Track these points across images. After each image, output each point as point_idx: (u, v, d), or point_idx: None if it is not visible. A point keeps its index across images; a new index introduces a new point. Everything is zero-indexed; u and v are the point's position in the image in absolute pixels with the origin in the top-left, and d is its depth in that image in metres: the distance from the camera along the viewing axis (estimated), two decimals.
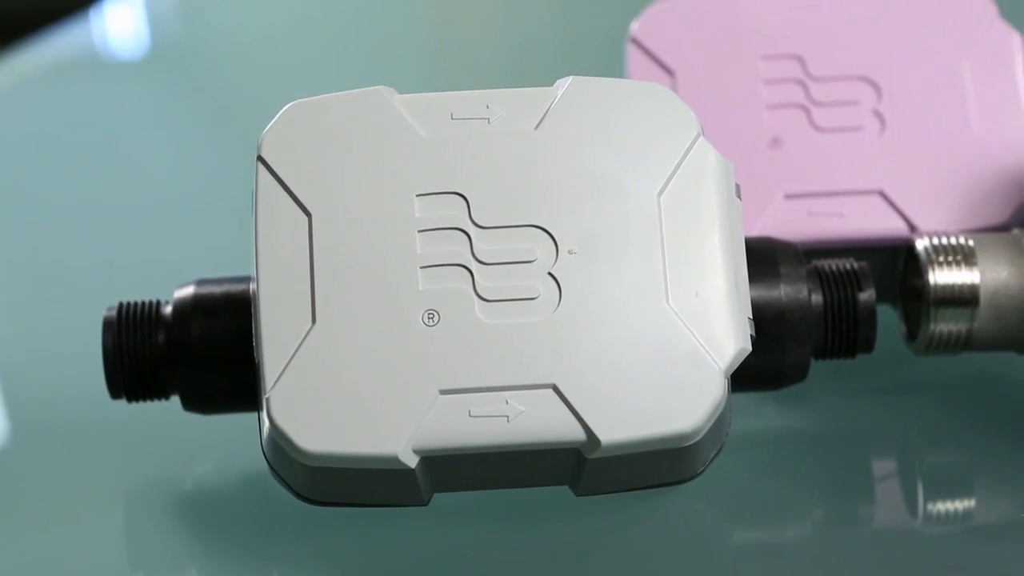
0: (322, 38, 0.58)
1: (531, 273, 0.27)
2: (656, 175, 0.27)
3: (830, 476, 0.31)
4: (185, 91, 0.55)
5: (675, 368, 0.26)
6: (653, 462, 0.27)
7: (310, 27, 0.59)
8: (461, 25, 0.62)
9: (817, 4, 0.36)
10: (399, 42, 0.57)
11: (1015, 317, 0.30)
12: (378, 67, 0.54)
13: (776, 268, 0.29)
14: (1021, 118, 0.34)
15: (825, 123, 0.34)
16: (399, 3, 0.61)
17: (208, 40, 0.60)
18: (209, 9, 0.61)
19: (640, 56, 0.35)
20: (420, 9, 0.62)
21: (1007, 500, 0.31)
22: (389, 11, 0.60)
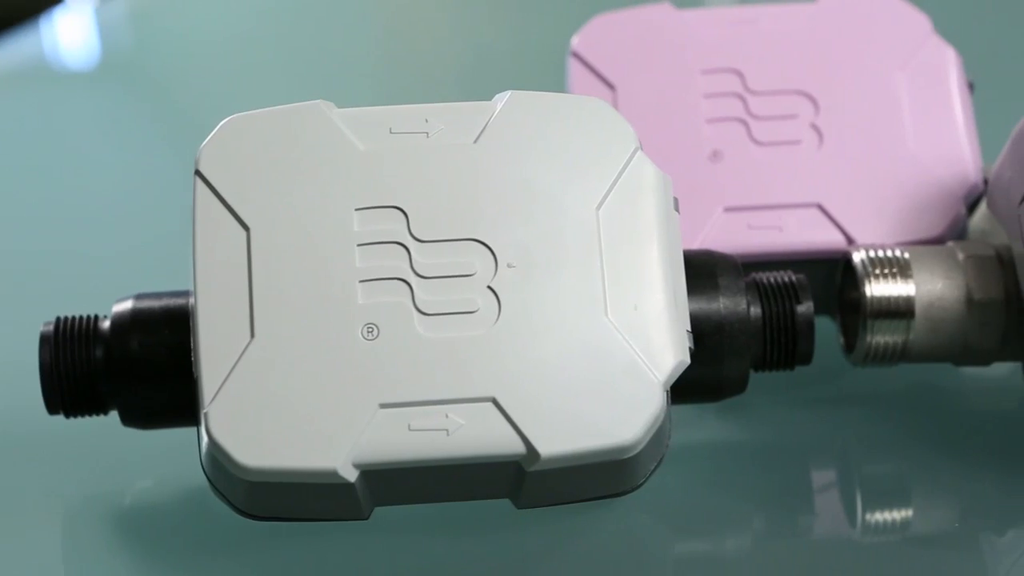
0: (273, 50, 0.57)
1: (471, 287, 0.27)
2: (594, 189, 0.28)
3: (770, 487, 0.31)
4: (134, 102, 0.55)
5: (614, 381, 0.26)
6: (593, 474, 0.27)
7: (261, 39, 0.59)
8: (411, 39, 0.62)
9: (756, 19, 0.36)
10: (349, 54, 0.57)
11: (949, 329, 0.31)
12: (328, 79, 0.54)
13: (715, 281, 0.30)
14: (955, 132, 0.34)
15: (764, 137, 0.34)
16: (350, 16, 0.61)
17: (158, 51, 0.60)
18: (159, 20, 0.61)
19: (581, 70, 0.36)
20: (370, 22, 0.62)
21: (943, 509, 0.31)
22: (340, 24, 0.60)
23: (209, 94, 0.54)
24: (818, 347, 0.31)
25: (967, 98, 0.35)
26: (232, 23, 0.60)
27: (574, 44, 0.36)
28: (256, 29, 0.59)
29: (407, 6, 0.65)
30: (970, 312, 0.31)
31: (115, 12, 0.61)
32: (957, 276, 0.31)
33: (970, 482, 0.31)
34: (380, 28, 0.63)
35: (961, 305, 0.31)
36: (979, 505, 0.31)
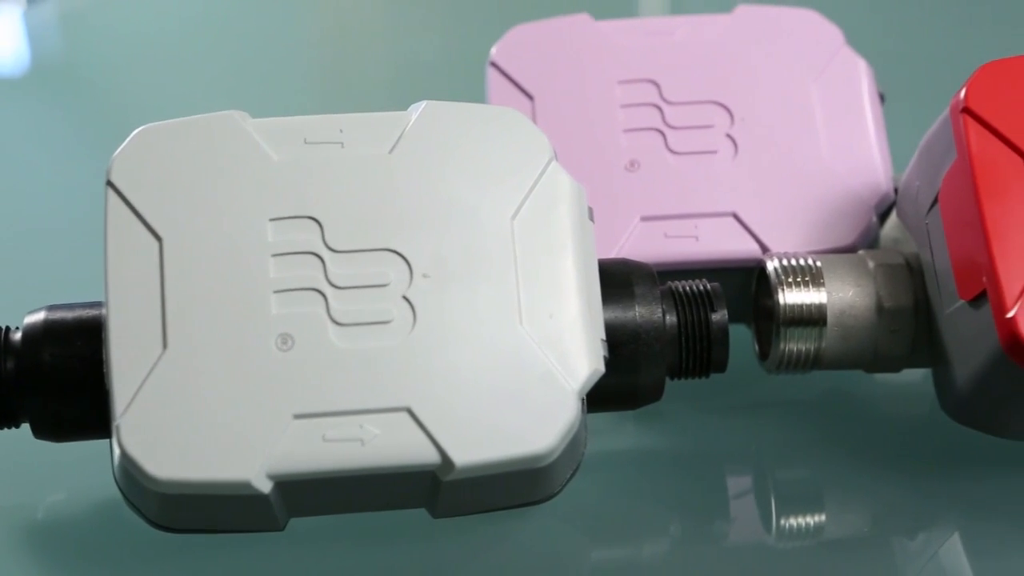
0: (204, 56, 0.57)
1: (385, 297, 0.27)
2: (509, 199, 0.28)
3: (686, 493, 0.32)
4: (61, 107, 0.54)
5: (529, 390, 0.27)
6: (509, 483, 0.27)
7: (192, 44, 0.58)
8: (342, 47, 0.62)
9: (672, 30, 0.36)
10: (279, 61, 0.57)
11: (860, 336, 0.31)
12: (258, 86, 0.54)
13: (631, 290, 0.30)
14: (867, 142, 0.35)
15: (680, 147, 0.35)
16: (280, 23, 0.61)
17: (88, 55, 0.59)
18: (89, 23, 0.60)
19: (500, 80, 0.36)
20: (301, 29, 0.62)
21: (856, 514, 0.32)
22: (271, 31, 0.60)
23: (139, 100, 0.54)
24: (734, 354, 0.32)
25: (878, 109, 0.35)
26: (162, 27, 0.60)
27: (493, 54, 0.36)
28: (187, 34, 0.59)
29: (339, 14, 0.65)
30: (880, 319, 0.31)
31: (44, 15, 0.60)
32: (867, 284, 0.31)
33: (882, 487, 0.31)
34: (310, 35, 0.63)
35: (871, 313, 0.31)
36: (891, 509, 0.31)
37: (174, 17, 0.61)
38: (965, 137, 0.29)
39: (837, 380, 0.34)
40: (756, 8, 0.37)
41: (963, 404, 0.30)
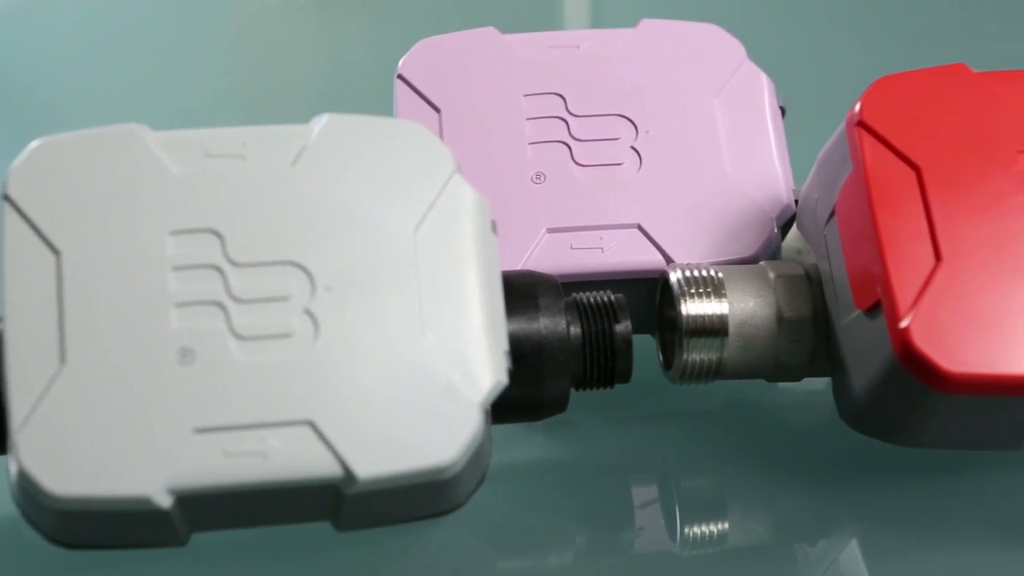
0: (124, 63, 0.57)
1: (287, 310, 0.27)
2: (411, 212, 0.28)
3: (592, 503, 0.32)
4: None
5: (432, 402, 0.27)
6: (413, 495, 0.27)
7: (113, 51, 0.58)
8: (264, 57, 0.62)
9: (578, 43, 0.37)
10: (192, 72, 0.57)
11: (761, 346, 0.32)
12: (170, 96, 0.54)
13: (536, 301, 0.30)
14: (769, 155, 0.35)
15: (586, 159, 0.35)
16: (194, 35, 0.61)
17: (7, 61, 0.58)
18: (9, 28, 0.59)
19: (407, 92, 0.36)
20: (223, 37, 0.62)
21: (758, 521, 0.32)
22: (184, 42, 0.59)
23: (58, 107, 0.53)
24: (640, 365, 0.32)
25: (779, 122, 0.36)
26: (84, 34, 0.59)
27: (400, 67, 0.36)
28: (108, 41, 0.58)
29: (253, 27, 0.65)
30: (780, 330, 0.32)
31: None
32: (768, 295, 0.32)
33: (783, 494, 0.32)
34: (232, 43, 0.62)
35: (772, 323, 0.32)
36: (792, 516, 0.32)
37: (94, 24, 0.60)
38: (860, 150, 0.30)
39: (740, 389, 0.34)
40: (660, 22, 0.37)
41: (860, 412, 0.30)
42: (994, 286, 0.28)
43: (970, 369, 0.27)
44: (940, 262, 0.28)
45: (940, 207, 0.29)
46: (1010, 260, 0.28)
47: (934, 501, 0.31)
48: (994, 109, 0.30)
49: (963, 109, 0.30)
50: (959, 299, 0.28)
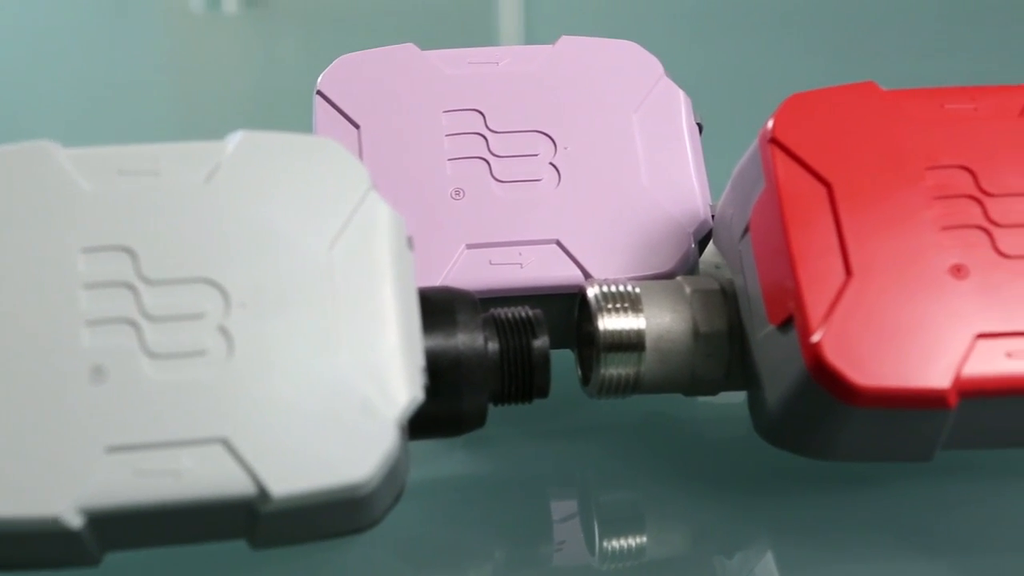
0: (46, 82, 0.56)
1: (201, 327, 0.27)
2: (327, 229, 0.28)
3: (511, 518, 0.32)
4: None
5: (347, 419, 0.27)
6: (329, 513, 0.27)
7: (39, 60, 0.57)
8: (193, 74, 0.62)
9: (497, 60, 0.37)
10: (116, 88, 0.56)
11: (677, 360, 0.32)
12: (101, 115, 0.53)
13: (453, 317, 0.30)
14: (686, 171, 0.36)
15: (505, 175, 0.35)
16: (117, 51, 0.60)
17: None
18: None
19: (326, 109, 0.36)
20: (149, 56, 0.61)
21: (676, 534, 0.32)
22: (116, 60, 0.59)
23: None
24: (560, 379, 0.32)
25: (696, 138, 0.36)
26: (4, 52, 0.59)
27: (319, 83, 0.36)
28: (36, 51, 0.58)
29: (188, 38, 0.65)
30: (696, 344, 0.32)
31: None
32: (684, 310, 0.32)
33: (701, 507, 0.32)
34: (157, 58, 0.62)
35: (688, 337, 0.32)
36: (709, 529, 0.32)
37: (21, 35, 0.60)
38: (772, 167, 0.30)
39: (658, 403, 0.34)
40: (578, 39, 0.37)
41: (775, 426, 0.31)
42: (903, 300, 0.29)
43: (880, 383, 0.28)
44: (850, 277, 0.29)
45: (850, 223, 0.29)
46: (918, 275, 0.29)
47: (848, 513, 0.31)
48: (902, 126, 0.31)
49: (873, 126, 0.31)
50: (869, 314, 0.28)
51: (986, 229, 0.29)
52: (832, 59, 0.55)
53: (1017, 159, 0.30)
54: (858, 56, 0.57)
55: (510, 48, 0.37)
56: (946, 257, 0.29)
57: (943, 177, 0.30)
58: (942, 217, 0.30)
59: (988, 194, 0.30)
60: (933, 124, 0.31)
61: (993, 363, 0.28)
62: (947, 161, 0.30)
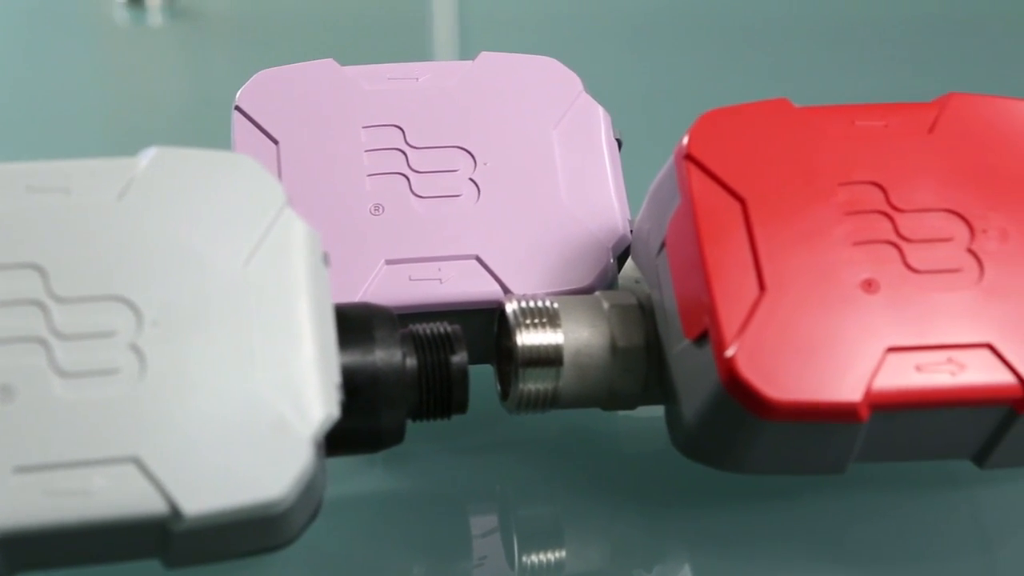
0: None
1: (113, 346, 0.26)
2: (241, 246, 0.28)
3: (430, 534, 0.32)
4: None
5: (261, 437, 0.26)
6: (244, 531, 0.27)
7: None
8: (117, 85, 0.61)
9: (417, 75, 0.37)
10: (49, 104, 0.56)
11: (595, 375, 0.32)
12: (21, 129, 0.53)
13: (371, 333, 0.30)
14: (605, 187, 0.36)
15: (424, 191, 0.35)
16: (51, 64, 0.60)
17: None
18: None
19: (245, 124, 0.36)
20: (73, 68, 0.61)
21: (595, 548, 0.32)
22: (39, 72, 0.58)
23: None
24: (481, 395, 0.32)
25: (616, 154, 0.37)
26: None
27: (237, 99, 0.36)
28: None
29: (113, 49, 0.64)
30: (614, 359, 0.32)
31: None
32: (602, 325, 0.32)
33: (620, 521, 0.32)
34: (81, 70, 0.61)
35: (606, 352, 0.32)
36: (627, 543, 0.32)
37: None
38: (687, 183, 0.30)
39: (577, 418, 0.35)
40: (498, 55, 0.37)
41: (691, 440, 0.31)
42: (815, 315, 0.29)
43: (793, 396, 0.28)
44: (764, 292, 0.29)
45: (764, 238, 0.30)
46: (831, 289, 0.29)
47: (763, 525, 0.32)
48: (815, 143, 0.31)
49: (786, 143, 0.31)
50: (782, 328, 0.29)
51: (896, 244, 0.30)
52: (748, 76, 0.56)
53: (926, 175, 0.31)
54: (773, 73, 0.58)
55: (430, 64, 0.37)
56: (857, 272, 0.29)
57: (854, 193, 0.30)
58: (854, 232, 0.30)
59: (898, 210, 0.30)
60: (845, 141, 0.31)
61: (903, 376, 0.28)
62: (858, 177, 0.31)
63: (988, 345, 0.29)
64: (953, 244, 0.30)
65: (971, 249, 0.30)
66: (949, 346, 0.29)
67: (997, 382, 0.29)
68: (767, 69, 0.58)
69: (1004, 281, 0.29)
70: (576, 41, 0.63)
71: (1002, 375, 0.29)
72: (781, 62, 0.60)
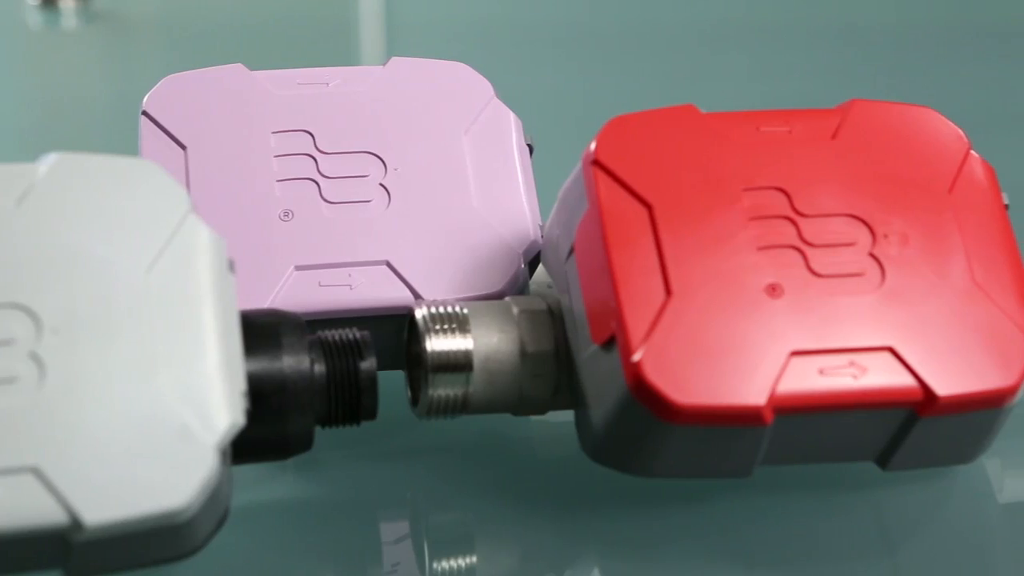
0: None
1: (11, 354, 0.26)
2: (144, 253, 0.27)
3: (339, 542, 0.32)
4: None
5: (165, 445, 0.26)
6: (147, 540, 0.26)
7: None
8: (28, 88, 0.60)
9: (327, 80, 0.37)
10: None
11: (505, 381, 0.32)
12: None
13: (279, 340, 0.30)
14: (517, 192, 0.36)
15: (334, 196, 0.35)
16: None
17: None
18: None
19: (152, 129, 0.35)
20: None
21: (506, 554, 0.32)
22: None
23: None
24: (393, 401, 0.32)
25: (527, 159, 0.37)
26: None
27: (144, 103, 0.36)
28: None
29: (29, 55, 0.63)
30: (524, 364, 0.32)
31: None
32: (511, 330, 0.32)
33: (531, 526, 0.32)
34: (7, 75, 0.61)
35: (515, 358, 0.32)
36: (539, 548, 0.32)
37: None
38: (595, 188, 0.31)
39: (490, 423, 0.35)
40: (409, 60, 0.37)
41: (599, 444, 0.31)
42: (721, 319, 0.29)
43: (698, 400, 0.28)
44: (670, 297, 0.29)
45: (671, 243, 0.30)
46: (736, 294, 0.29)
47: (672, 529, 0.32)
48: (721, 148, 0.31)
49: (692, 148, 0.31)
50: (688, 333, 0.29)
51: (800, 249, 0.30)
52: (659, 82, 0.57)
53: (829, 181, 0.31)
54: (683, 79, 0.59)
55: (340, 69, 0.37)
56: (762, 276, 0.30)
57: (759, 198, 0.31)
58: (758, 237, 0.30)
59: (802, 215, 0.31)
60: (750, 146, 0.31)
61: (806, 380, 0.29)
62: (763, 183, 0.31)
63: (889, 348, 0.29)
64: (855, 249, 0.30)
65: (873, 253, 0.30)
66: (851, 349, 0.29)
67: (898, 385, 0.29)
68: (676, 75, 0.58)
69: (905, 285, 0.30)
70: (494, 46, 0.63)
71: (903, 378, 0.29)
72: (690, 68, 0.60)
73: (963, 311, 0.30)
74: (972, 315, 0.30)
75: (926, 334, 0.29)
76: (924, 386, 0.29)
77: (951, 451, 0.31)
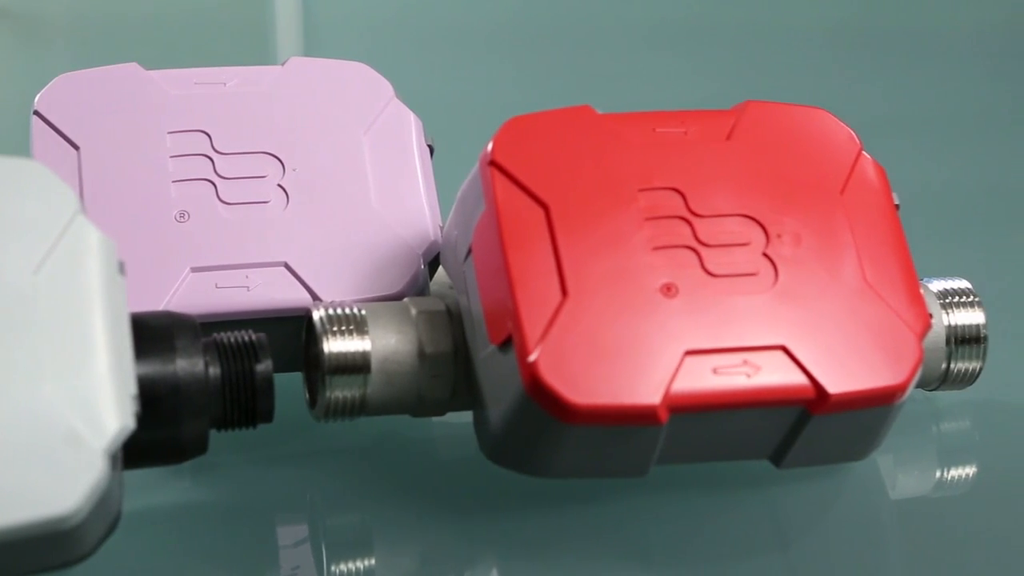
0: None
1: None
2: (30, 254, 0.27)
3: (235, 546, 0.31)
4: None
5: (51, 451, 0.26)
6: (34, 546, 0.26)
7: None
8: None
9: (224, 80, 0.36)
10: None
11: (403, 382, 0.32)
12: None
13: (172, 343, 0.29)
14: (416, 193, 0.36)
15: (232, 197, 0.35)
16: None
17: None
18: None
19: (44, 129, 0.35)
20: None
21: (406, 556, 0.32)
22: None
23: None
24: (291, 403, 0.32)
25: (427, 160, 0.37)
26: None
27: (36, 103, 0.35)
28: None
29: None
30: (422, 365, 0.32)
31: None
32: (409, 331, 0.32)
33: (431, 528, 0.32)
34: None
35: (414, 359, 0.32)
36: (438, 550, 0.32)
37: None
38: (492, 189, 0.31)
39: (390, 424, 0.34)
40: (308, 60, 0.37)
41: (497, 445, 0.31)
42: (616, 319, 0.29)
43: (593, 400, 0.29)
44: (566, 297, 0.29)
45: (567, 244, 0.30)
46: (631, 295, 0.30)
47: (571, 529, 0.32)
48: (617, 149, 0.31)
49: (588, 149, 0.31)
50: (584, 333, 0.29)
51: (695, 249, 0.30)
52: (558, 82, 0.57)
53: (724, 181, 0.31)
54: (581, 79, 0.59)
55: (238, 69, 0.37)
56: (657, 276, 0.30)
57: (655, 199, 0.31)
58: (654, 238, 0.30)
59: (697, 215, 0.31)
60: (646, 147, 0.32)
61: (700, 379, 0.29)
62: (658, 183, 0.31)
63: (782, 347, 0.30)
64: (749, 249, 0.31)
65: (766, 253, 0.31)
66: (745, 348, 0.29)
67: (790, 383, 0.29)
68: (576, 77, 0.59)
69: (797, 284, 0.30)
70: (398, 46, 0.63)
71: (795, 376, 0.29)
72: (589, 69, 0.61)
73: (855, 310, 0.30)
74: (863, 314, 0.30)
75: (818, 333, 0.30)
76: (816, 384, 0.29)
77: (844, 448, 0.32)
